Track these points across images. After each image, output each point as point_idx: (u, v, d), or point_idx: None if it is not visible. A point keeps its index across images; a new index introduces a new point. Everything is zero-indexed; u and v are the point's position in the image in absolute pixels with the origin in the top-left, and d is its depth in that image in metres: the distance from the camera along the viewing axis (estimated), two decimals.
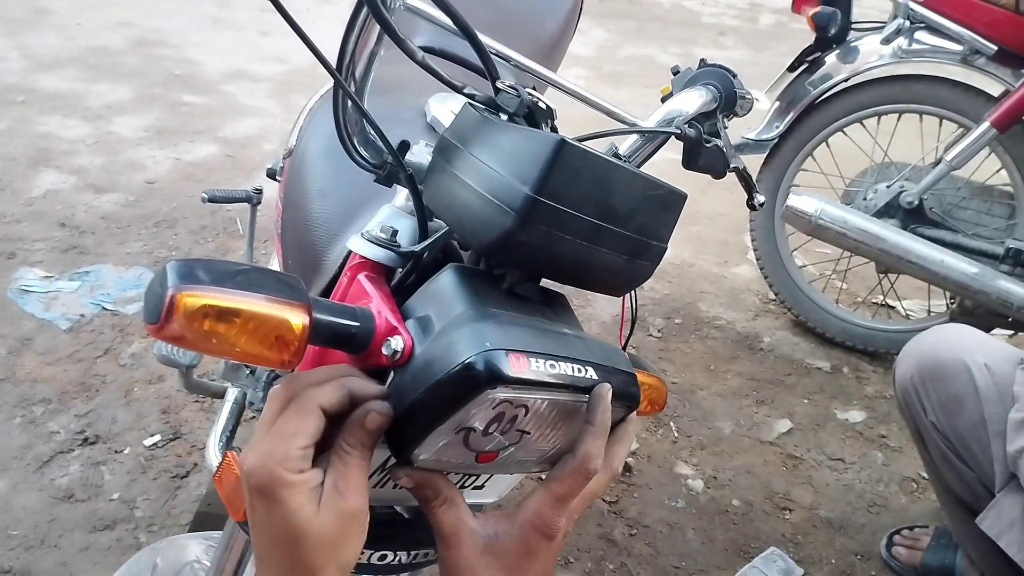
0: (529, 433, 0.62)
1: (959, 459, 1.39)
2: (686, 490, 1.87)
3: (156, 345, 1.38)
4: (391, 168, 0.68)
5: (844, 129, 2.25)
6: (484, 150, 0.61)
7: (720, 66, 0.90)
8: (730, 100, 0.89)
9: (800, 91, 2.21)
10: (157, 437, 1.83)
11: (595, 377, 0.62)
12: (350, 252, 0.69)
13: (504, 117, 0.64)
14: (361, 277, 0.66)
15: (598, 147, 0.79)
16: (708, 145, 0.85)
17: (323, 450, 0.56)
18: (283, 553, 0.54)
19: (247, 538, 0.75)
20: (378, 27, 0.60)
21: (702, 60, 0.92)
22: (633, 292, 0.90)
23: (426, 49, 0.93)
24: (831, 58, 2.18)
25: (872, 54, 2.11)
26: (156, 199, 2.78)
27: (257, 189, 1.53)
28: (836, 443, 2.07)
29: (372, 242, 0.67)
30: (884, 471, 2.00)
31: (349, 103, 0.64)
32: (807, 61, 2.21)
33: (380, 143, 0.67)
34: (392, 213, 0.71)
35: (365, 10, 0.59)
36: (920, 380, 1.42)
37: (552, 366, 0.59)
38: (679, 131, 0.83)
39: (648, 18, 5.39)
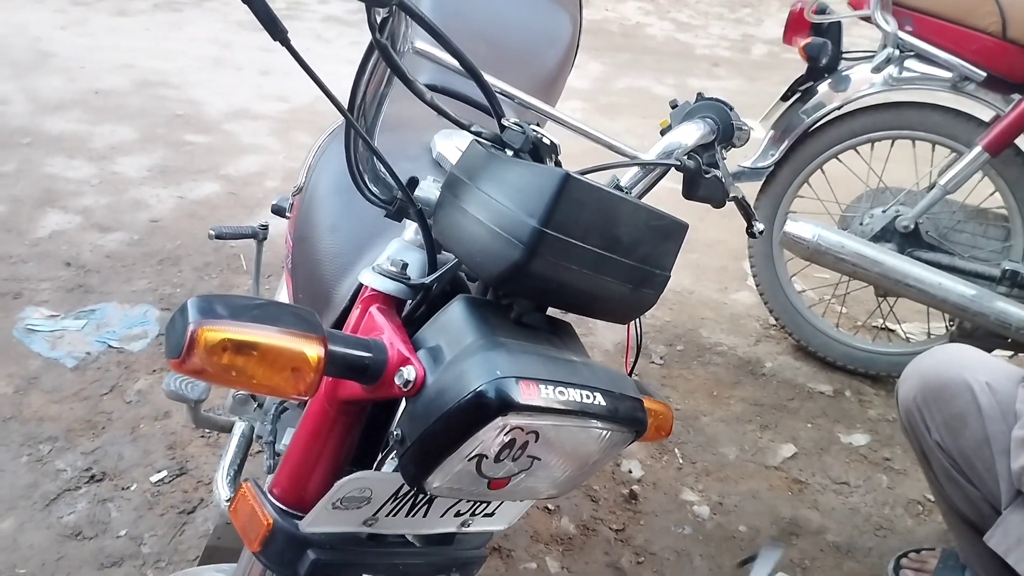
0: (540, 459, 0.64)
1: (964, 478, 1.40)
2: (692, 516, 1.88)
3: (165, 380, 1.39)
4: (401, 203, 0.71)
5: (838, 156, 2.29)
6: (491, 185, 0.63)
7: (717, 99, 0.93)
8: (727, 132, 0.92)
9: (794, 120, 2.25)
10: (164, 473, 1.83)
11: (603, 403, 0.64)
12: (361, 285, 0.71)
13: (510, 153, 0.67)
14: (373, 309, 0.68)
15: (600, 179, 0.81)
16: (707, 176, 0.88)
17: None
18: None
19: (263, 568, 0.76)
20: (388, 69, 0.63)
21: (699, 94, 0.95)
22: (638, 320, 0.92)
23: (430, 87, 0.96)
24: (823, 87, 2.22)
25: (863, 82, 2.15)
26: (160, 237, 2.80)
27: (263, 225, 1.56)
28: (841, 467, 2.08)
29: (383, 275, 0.69)
30: (889, 494, 2.00)
31: (360, 141, 0.67)
32: (800, 90, 2.25)
33: (390, 179, 0.69)
34: (402, 247, 0.73)
35: (376, 53, 0.61)
36: (923, 400, 1.43)
37: (561, 393, 0.61)
38: (679, 163, 0.85)
39: (642, 51, 5.47)
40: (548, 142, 0.67)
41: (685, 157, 0.86)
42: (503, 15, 1.57)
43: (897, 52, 2.04)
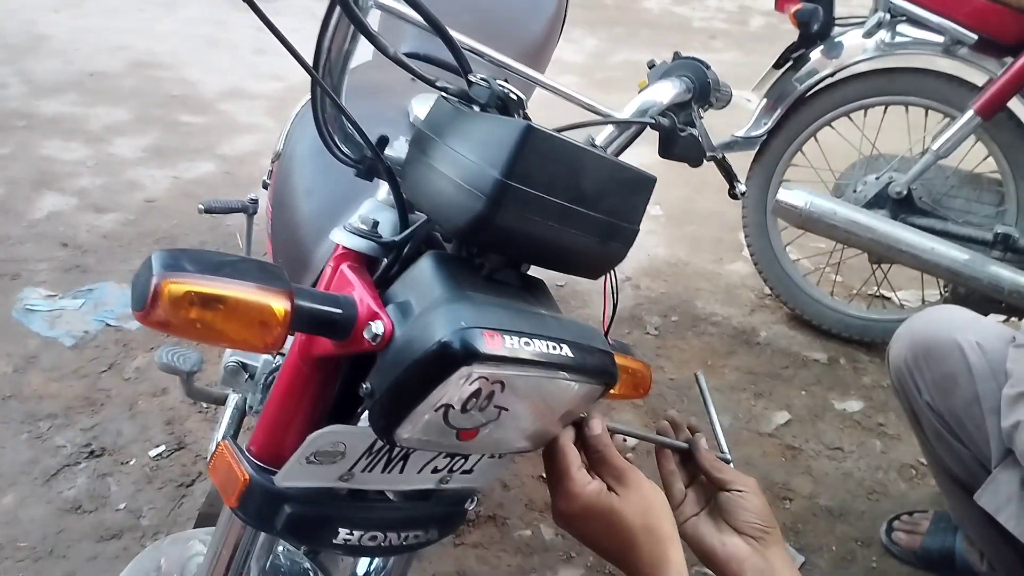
0: (507, 409, 0.65)
1: (955, 438, 1.41)
2: None
3: (158, 353, 1.40)
4: (371, 162, 0.71)
5: (832, 123, 2.28)
6: (456, 139, 0.63)
7: (693, 58, 0.93)
8: (704, 90, 0.92)
9: (787, 88, 2.24)
10: (162, 448, 1.85)
11: (570, 354, 0.64)
12: (336, 245, 0.71)
13: (477, 108, 0.67)
14: (344, 267, 0.69)
15: (577, 137, 0.81)
16: (683, 134, 0.87)
17: None
18: (629, 540, 0.73)
19: (242, 524, 0.77)
20: (351, 25, 0.63)
21: (676, 53, 0.95)
22: (613, 276, 0.92)
23: (412, 55, 0.96)
24: (816, 54, 2.20)
25: (856, 48, 2.14)
26: (156, 217, 2.81)
27: (252, 199, 1.56)
28: (834, 433, 2.09)
29: (354, 233, 0.69)
30: (883, 459, 2.01)
31: (328, 100, 0.67)
32: (792, 58, 2.23)
33: (359, 138, 0.69)
34: (375, 207, 0.74)
35: (338, 9, 0.61)
36: (913, 360, 1.44)
37: (527, 344, 0.61)
38: (653, 121, 0.85)
39: (638, 24, 5.43)
40: (515, 96, 0.67)
41: (660, 115, 0.86)
42: None
43: (888, 16, 2.02)
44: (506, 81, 0.69)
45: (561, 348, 0.64)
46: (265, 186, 1.60)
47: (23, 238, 2.61)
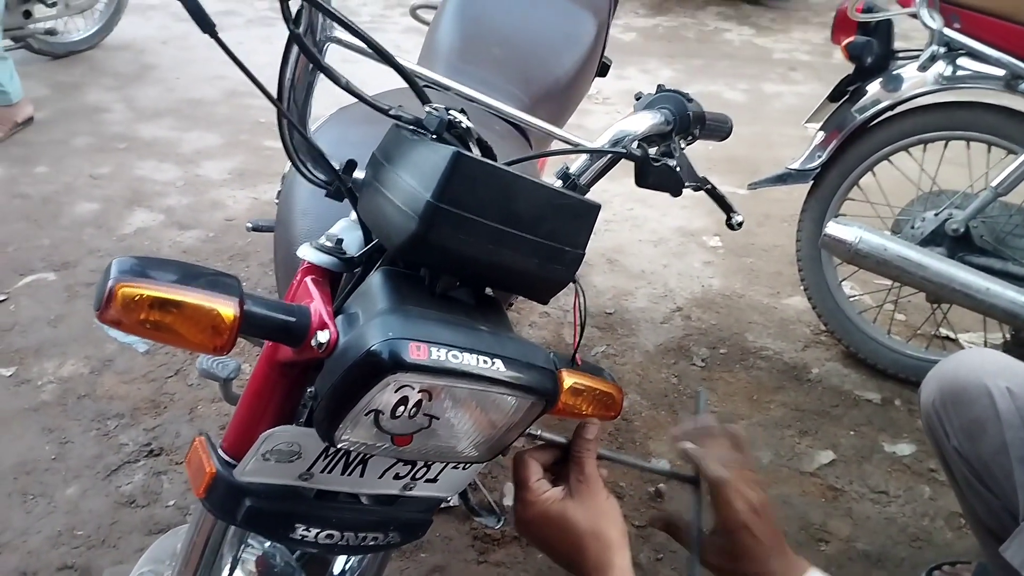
0: (438, 418, 0.69)
1: (983, 486, 1.35)
2: None
3: (199, 360, 1.51)
4: (339, 184, 0.77)
5: (889, 158, 2.22)
6: (401, 165, 0.69)
7: (676, 91, 0.96)
8: (684, 123, 0.94)
9: (842, 120, 2.20)
10: None
11: (502, 369, 0.68)
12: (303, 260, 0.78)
13: (432, 136, 0.72)
14: (307, 280, 0.75)
15: (550, 167, 0.85)
16: (657, 164, 0.90)
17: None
18: (578, 543, 0.78)
19: (213, 517, 0.84)
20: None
21: (659, 86, 0.97)
22: (582, 299, 0.95)
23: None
24: (873, 86, 2.16)
25: (914, 82, 2.09)
26: (233, 235, 2.99)
27: None
28: (881, 476, 2.01)
29: (318, 250, 0.76)
30: (930, 505, 1.93)
31: (295, 128, 0.73)
32: (848, 90, 2.20)
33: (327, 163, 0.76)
34: (345, 225, 0.80)
35: (295, 44, 0.68)
36: (942, 404, 1.39)
37: (455, 356, 0.65)
38: (625, 151, 0.88)
39: (717, 56, 5.40)
40: (465, 126, 0.72)
41: (634, 145, 0.89)
42: (523, 18, 1.63)
43: (943, 50, 1.97)
44: (462, 111, 0.74)
45: (493, 363, 0.67)
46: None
47: (112, 251, 2.82)
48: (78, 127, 3.77)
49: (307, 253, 0.75)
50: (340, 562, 0.96)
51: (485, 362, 0.67)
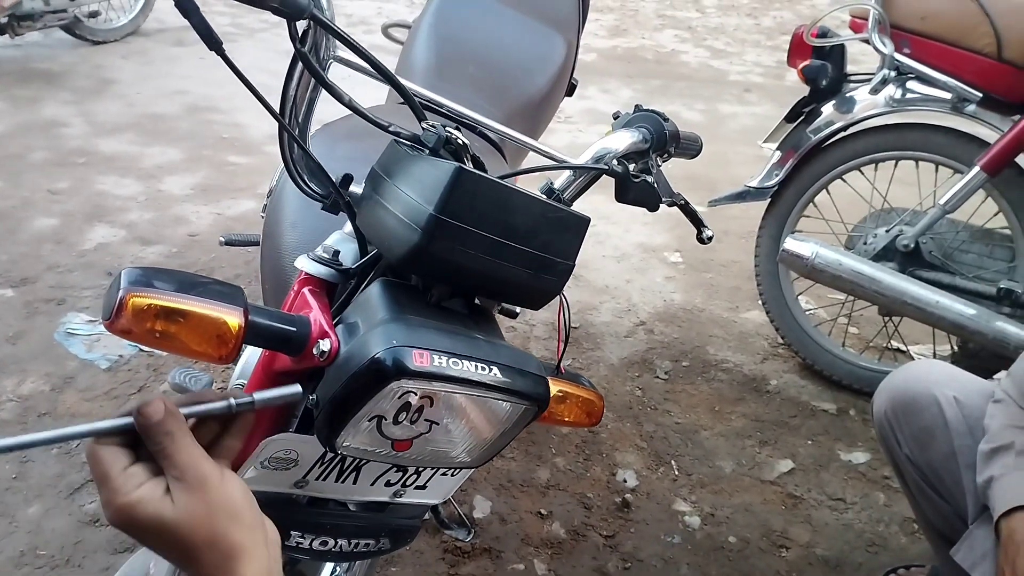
0: (438, 424, 0.71)
1: (935, 492, 1.42)
2: (683, 526, 1.91)
3: (171, 373, 1.51)
4: (335, 198, 0.80)
5: (843, 176, 2.32)
6: (402, 179, 0.72)
7: (652, 111, 1.01)
8: (661, 141, 0.99)
9: (799, 140, 2.29)
10: None
11: (499, 376, 0.71)
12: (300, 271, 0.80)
13: (428, 152, 0.76)
14: (305, 290, 0.77)
15: (534, 183, 0.89)
16: (636, 180, 0.94)
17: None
18: (187, 555, 0.59)
19: None
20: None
21: (637, 106, 1.02)
22: (566, 309, 0.99)
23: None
24: (828, 108, 2.26)
25: (866, 104, 2.19)
26: (196, 250, 2.97)
27: None
28: (838, 483, 2.09)
29: (316, 261, 0.78)
30: (885, 512, 2.00)
31: (296, 141, 0.76)
32: (803, 112, 2.29)
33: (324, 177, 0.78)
34: (340, 238, 0.82)
35: (300, 62, 0.71)
36: (893, 414, 1.46)
37: (455, 363, 0.68)
38: (607, 167, 0.92)
39: (675, 77, 5.54)
40: (461, 142, 0.75)
41: (615, 162, 0.93)
42: (496, 38, 1.67)
43: (893, 74, 2.07)
44: (458, 128, 0.78)
45: (490, 369, 0.70)
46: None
47: (72, 267, 2.78)
48: (35, 142, 3.71)
49: (305, 264, 0.78)
50: (327, 569, 0.97)
51: (483, 369, 0.70)
